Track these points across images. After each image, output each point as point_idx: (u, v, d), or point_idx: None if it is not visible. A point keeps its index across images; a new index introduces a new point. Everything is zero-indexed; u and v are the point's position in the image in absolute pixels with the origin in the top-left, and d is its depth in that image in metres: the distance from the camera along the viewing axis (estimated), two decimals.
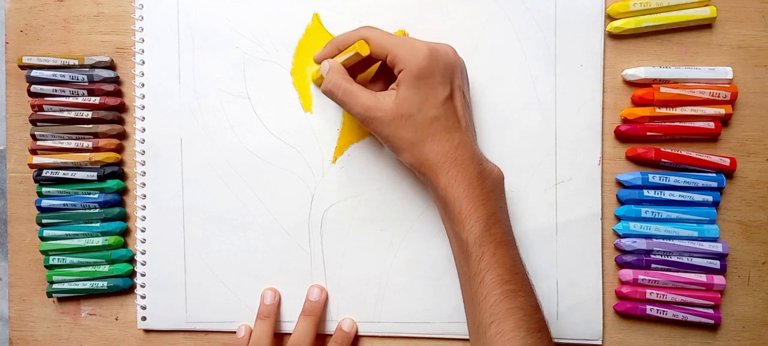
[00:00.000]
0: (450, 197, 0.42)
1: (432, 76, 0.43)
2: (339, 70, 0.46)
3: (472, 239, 0.41)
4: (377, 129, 0.44)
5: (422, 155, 0.43)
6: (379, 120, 0.44)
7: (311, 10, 0.51)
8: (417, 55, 0.42)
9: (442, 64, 0.43)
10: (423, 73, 0.42)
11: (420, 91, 0.43)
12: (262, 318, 0.50)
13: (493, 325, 0.40)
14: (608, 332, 0.51)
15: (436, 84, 0.43)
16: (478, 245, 0.41)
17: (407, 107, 0.43)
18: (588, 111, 0.50)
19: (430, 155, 0.43)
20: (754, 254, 0.50)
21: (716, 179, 0.49)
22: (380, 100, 0.44)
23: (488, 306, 0.40)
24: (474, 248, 0.41)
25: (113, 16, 0.52)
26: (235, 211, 0.51)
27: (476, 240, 0.41)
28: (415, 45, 0.43)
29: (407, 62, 0.43)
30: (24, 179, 0.53)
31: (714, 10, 0.49)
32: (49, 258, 0.52)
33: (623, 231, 0.50)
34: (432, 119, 0.43)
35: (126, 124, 0.53)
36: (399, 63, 0.43)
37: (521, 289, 0.41)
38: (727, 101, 0.49)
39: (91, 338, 0.53)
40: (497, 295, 0.40)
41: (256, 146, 0.51)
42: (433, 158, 0.43)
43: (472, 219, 0.42)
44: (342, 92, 0.45)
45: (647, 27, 0.49)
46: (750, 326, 0.51)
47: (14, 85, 0.53)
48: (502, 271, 0.41)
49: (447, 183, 0.43)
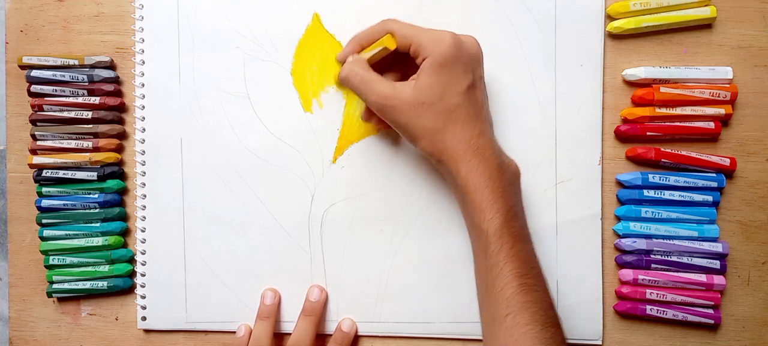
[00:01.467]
0: (471, 186, 0.42)
1: (455, 65, 0.43)
2: (358, 59, 0.46)
3: (492, 230, 0.41)
4: (394, 117, 0.44)
5: (443, 143, 0.43)
6: (396, 108, 0.43)
7: (311, 10, 0.51)
8: (442, 44, 0.42)
9: (466, 54, 0.43)
10: (446, 62, 0.42)
11: (442, 79, 0.42)
12: (262, 318, 0.50)
13: (509, 316, 0.40)
14: (608, 332, 0.51)
15: (459, 73, 0.43)
16: (498, 237, 0.41)
17: (428, 95, 0.42)
18: (588, 111, 0.50)
19: (450, 143, 0.43)
20: (754, 254, 0.50)
21: (716, 179, 0.49)
22: (398, 89, 0.43)
23: (505, 298, 0.40)
24: (493, 239, 0.41)
25: (113, 16, 0.52)
26: (235, 211, 0.51)
27: (496, 231, 0.41)
28: (440, 34, 0.43)
29: (432, 51, 0.42)
30: (24, 179, 0.53)
31: (714, 10, 0.49)
32: (49, 258, 0.52)
33: (623, 231, 0.50)
34: (453, 107, 0.43)
35: (126, 124, 0.53)
36: (423, 52, 0.43)
37: (538, 283, 0.41)
38: (727, 101, 0.49)
39: (91, 338, 0.53)
40: (514, 287, 0.40)
41: (256, 146, 0.51)
42: (454, 146, 0.43)
43: (492, 210, 0.41)
44: (359, 79, 0.44)
45: (647, 27, 0.49)
46: (750, 326, 0.51)
47: (14, 85, 0.53)
48: (520, 264, 0.41)
49: (468, 172, 0.42)
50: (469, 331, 0.51)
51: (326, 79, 0.51)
